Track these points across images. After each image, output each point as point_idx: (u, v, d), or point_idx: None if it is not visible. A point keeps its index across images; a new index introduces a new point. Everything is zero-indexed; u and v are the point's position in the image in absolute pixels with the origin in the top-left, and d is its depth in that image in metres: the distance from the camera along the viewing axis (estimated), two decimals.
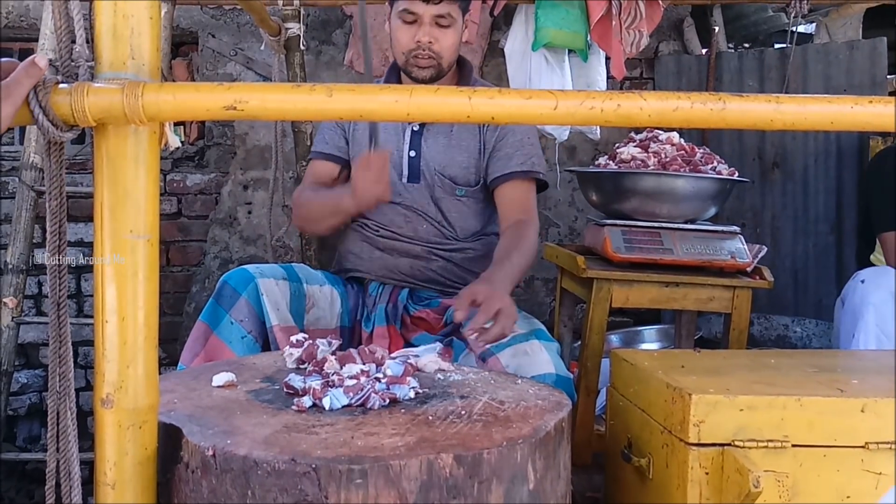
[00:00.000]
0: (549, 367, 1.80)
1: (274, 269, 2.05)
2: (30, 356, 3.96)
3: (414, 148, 2.18)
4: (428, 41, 2.08)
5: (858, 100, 1.10)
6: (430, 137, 2.18)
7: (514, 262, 1.99)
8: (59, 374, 1.12)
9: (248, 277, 1.97)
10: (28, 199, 2.90)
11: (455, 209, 2.20)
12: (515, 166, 2.17)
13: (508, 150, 2.18)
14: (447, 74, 2.18)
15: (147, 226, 1.09)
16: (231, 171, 4.07)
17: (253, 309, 1.95)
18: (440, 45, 2.10)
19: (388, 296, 2.14)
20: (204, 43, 4.05)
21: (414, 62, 2.11)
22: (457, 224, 2.20)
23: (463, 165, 2.18)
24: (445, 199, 2.19)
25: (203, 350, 1.92)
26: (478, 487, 1.14)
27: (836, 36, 4.26)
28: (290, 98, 1.08)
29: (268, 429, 1.22)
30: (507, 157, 2.17)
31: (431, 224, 2.18)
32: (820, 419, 1.47)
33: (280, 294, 1.99)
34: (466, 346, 1.93)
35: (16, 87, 1.01)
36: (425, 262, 2.17)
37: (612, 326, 3.46)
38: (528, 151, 2.20)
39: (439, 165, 2.17)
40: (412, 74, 2.14)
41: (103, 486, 1.11)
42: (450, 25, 2.10)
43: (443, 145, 2.18)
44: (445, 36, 2.10)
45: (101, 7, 1.06)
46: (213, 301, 1.96)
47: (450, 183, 2.18)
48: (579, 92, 1.09)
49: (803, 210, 3.86)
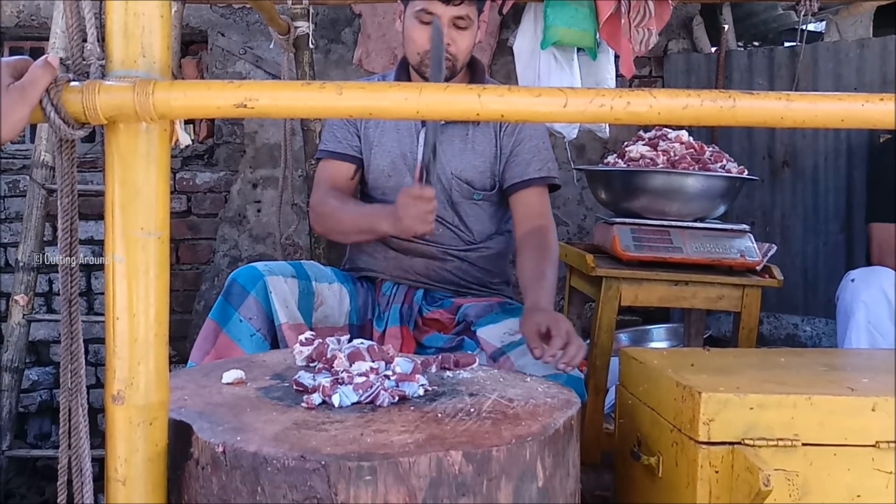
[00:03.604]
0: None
1: (283, 266, 2.04)
2: (41, 353, 3.98)
3: None
4: (446, 43, 2.05)
5: (869, 97, 1.10)
6: (446, 140, 2.15)
7: (550, 279, 1.99)
8: (70, 371, 1.13)
9: (256, 275, 1.97)
10: (39, 196, 2.91)
11: (472, 213, 2.18)
12: (534, 173, 2.16)
13: (526, 155, 2.17)
14: (458, 75, 2.16)
15: (157, 223, 1.10)
16: (240, 170, 4.08)
17: (262, 307, 1.95)
18: (457, 48, 2.07)
19: (404, 296, 2.13)
20: (213, 41, 4.06)
21: (429, 63, 2.07)
22: (474, 227, 2.19)
23: (479, 170, 2.16)
24: (463, 203, 2.17)
25: (213, 348, 1.93)
26: (487, 485, 1.14)
27: (846, 34, 4.24)
28: (299, 96, 1.08)
29: (277, 426, 1.22)
30: (524, 164, 2.16)
31: (448, 227, 2.16)
32: (830, 418, 1.46)
33: (289, 292, 1.99)
34: (478, 345, 1.93)
35: (31, 88, 1.01)
36: (440, 262, 2.16)
37: (622, 325, 3.45)
38: (545, 157, 2.19)
39: (456, 169, 2.15)
40: (426, 75, 2.10)
41: (114, 482, 1.12)
42: (467, 27, 2.07)
43: (458, 149, 2.16)
44: (463, 38, 2.08)
45: (113, 5, 1.07)
46: (223, 299, 1.97)
47: (468, 187, 2.16)
48: (589, 90, 1.08)
49: (813, 208, 3.84)
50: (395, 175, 2.17)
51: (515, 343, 1.84)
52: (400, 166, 2.16)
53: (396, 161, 2.17)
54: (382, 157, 2.18)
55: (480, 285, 2.18)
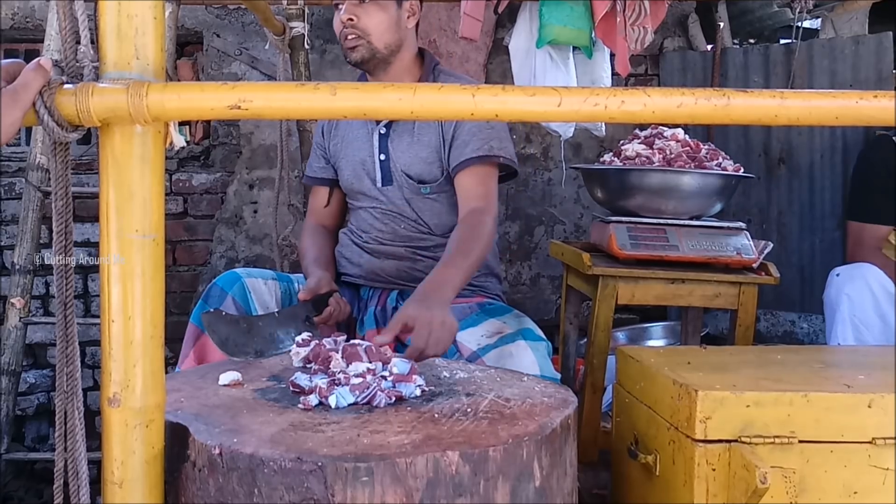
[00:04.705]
0: (533, 368, 1.80)
1: (263, 271, 2.11)
2: (37, 356, 3.97)
3: (383, 151, 2.17)
4: (348, 18, 2.04)
5: (863, 94, 1.10)
6: (396, 138, 2.16)
7: (464, 263, 1.89)
8: (66, 374, 1.12)
9: (234, 278, 2.01)
10: (34, 199, 2.90)
11: (426, 207, 2.18)
12: (471, 152, 2.09)
13: (465, 137, 2.10)
14: (401, 64, 2.14)
15: (153, 225, 1.10)
16: (237, 171, 4.08)
17: (241, 307, 1.96)
18: (364, 23, 2.04)
19: (378, 299, 2.17)
20: (209, 42, 4.05)
21: (345, 45, 2.07)
22: (430, 221, 2.18)
23: (427, 161, 2.14)
24: (415, 198, 2.18)
25: (192, 351, 1.94)
26: (484, 485, 1.14)
27: (841, 31, 4.24)
28: (294, 97, 1.08)
29: (274, 427, 1.22)
30: (462, 145, 2.10)
31: (408, 224, 2.18)
32: (827, 415, 1.46)
33: (268, 293, 2.03)
34: (456, 349, 1.90)
35: (24, 91, 1.01)
36: (410, 262, 2.17)
37: (618, 323, 3.46)
38: (487, 135, 2.10)
39: (404, 166, 2.16)
40: (348, 59, 2.09)
41: (111, 484, 1.12)
42: (372, 2, 2.04)
43: (407, 144, 2.16)
44: (367, 13, 2.04)
45: (106, 7, 1.07)
46: (202, 302, 2.00)
47: (414, 183, 2.16)
48: (583, 89, 1.09)
49: (809, 206, 3.85)
50: (356, 181, 2.23)
51: (491, 345, 1.84)
52: (360, 171, 2.22)
53: (357, 168, 2.22)
54: (346, 166, 2.25)
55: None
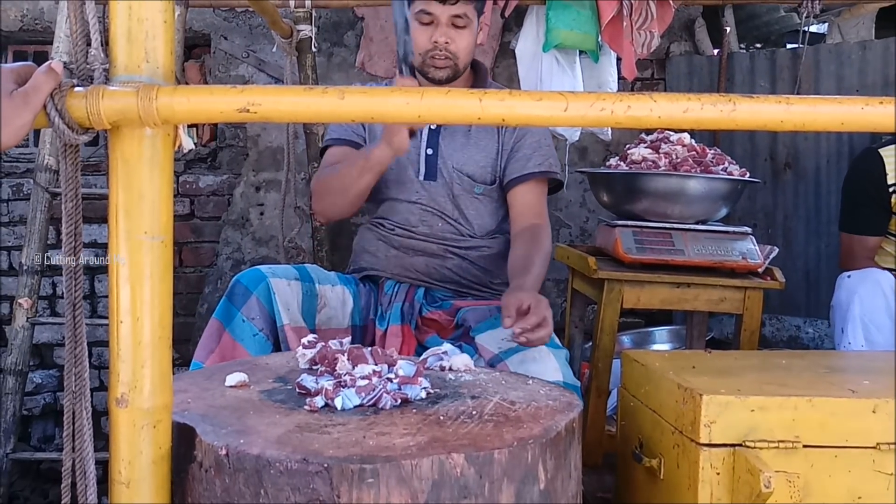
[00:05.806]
0: (556, 374, 1.81)
1: (286, 269, 2.06)
2: (44, 356, 3.98)
3: (431, 146, 2.20)
4: (445, 42, 2.11)
5: (869, 100, 1.10)
6: (448, 136, 2.21)
7: (536, 272, 2.01)
8: (74, 374, 1.13)
9: (259, 277, 1.99)
10: (43, 200, 2.92)
11: (473, 207, 2.21)
12: (533, 167, 2.19)
13: (527, 150, 2.20)
14: (462, 76, 2.20)
15: (161, 227, 1.10)
16: (243, 173, 4.09)
17: (264, 307, 1.97)
18: (456, 46, 2.12)
19: (405, 294, 2.15)
20: (216, 45, 4.07)
21: (431, 63, 2.13)
22: (474, 221, 2.21)
23: (481, 164, 2.20)
24: (463, 196, 2.20)
25: (217, 346, 1.95)
26: (489, 487, 1.15)
27: (848, 36, 4.24)
28: (302, 100, 1.09)
29: (280, 428, 1.22)
30: (525, 159, 2.19)
31: (448, 222, 2.20)
32: (831, 420, 1.47)
33: (291, 294, 2.01)
34: (476, 351, 1.94)
35: (34, 94, 1.02)
36: (441, 260, 2.18)
37: (624, 327, 3.45)
38: (546, 153, 2.22)
39: (458, 163, 2.19)
40: (429, 75, 2.15)
41: (118, 484, 1.12)
42: (466, 26, 2.12)
43: (460, 143, 2.20)
44: (461, 36, 2.13)
45: (117, 10, 1.07)
46: (226, 299, 1.99)
47: (469, 181, 2.20)
48: (590, 94, 1.09)
49: (815, 211, 3.84)
50: (396, 169, 2.18)
51: (513, 350, 1.85)
52: (402, 160, 2.16)
53: (398, 157, 2.14)
54: None
55: (481, 285, 2.20)
